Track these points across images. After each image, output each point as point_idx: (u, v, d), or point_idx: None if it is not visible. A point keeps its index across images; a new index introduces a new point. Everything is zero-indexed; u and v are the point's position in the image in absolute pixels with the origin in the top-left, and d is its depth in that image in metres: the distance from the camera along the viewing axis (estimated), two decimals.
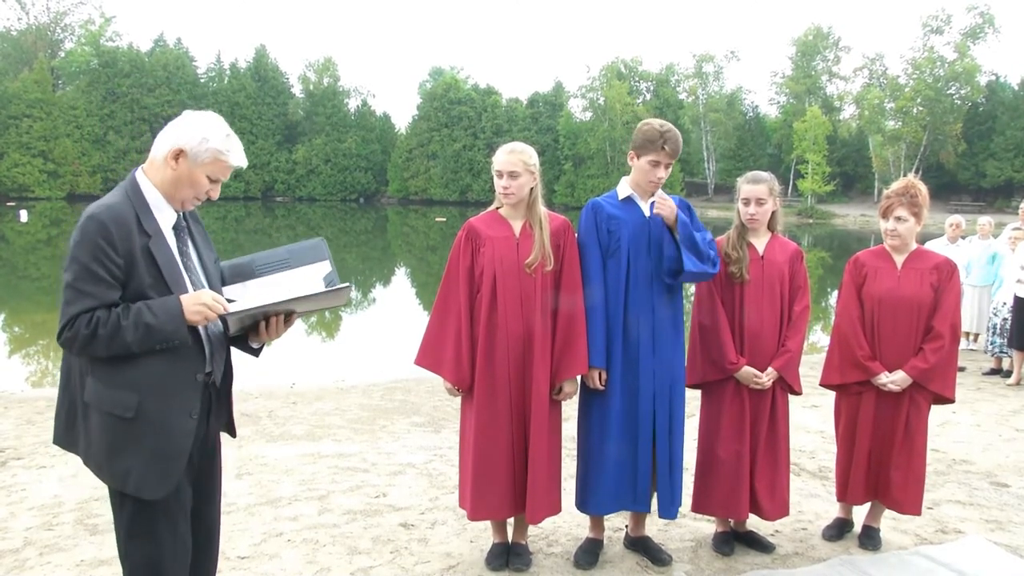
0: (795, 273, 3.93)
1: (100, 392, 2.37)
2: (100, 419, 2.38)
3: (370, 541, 4.04)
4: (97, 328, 2.28)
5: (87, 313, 2.29)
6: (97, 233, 2.29)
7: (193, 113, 2.50)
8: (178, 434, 2.45)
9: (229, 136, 2.49)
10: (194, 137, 2.43)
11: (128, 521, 2.46)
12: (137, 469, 2.38)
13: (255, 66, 65.11)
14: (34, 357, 11.02)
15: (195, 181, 2.46)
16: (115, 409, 2.36)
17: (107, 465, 2.40)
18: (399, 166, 64.75)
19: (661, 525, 4.20)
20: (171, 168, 2.44)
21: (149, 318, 2.31)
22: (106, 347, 2.30)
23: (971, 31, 56.20)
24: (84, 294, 2.29)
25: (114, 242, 2.30)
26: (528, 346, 3.55)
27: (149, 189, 2.46)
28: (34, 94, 56.87)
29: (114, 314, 2.30)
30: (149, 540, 2.46)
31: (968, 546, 4.07)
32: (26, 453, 5.52)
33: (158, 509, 2.45)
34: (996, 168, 53.67)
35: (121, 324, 2.29)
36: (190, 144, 2.42)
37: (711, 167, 62.69)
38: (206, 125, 2.46)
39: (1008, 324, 8.58)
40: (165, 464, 2.42)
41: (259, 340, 2.66)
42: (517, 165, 3.54)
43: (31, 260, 23.23)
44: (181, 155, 2.43)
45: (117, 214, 2.34)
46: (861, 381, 3.97)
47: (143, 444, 2.38)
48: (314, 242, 2.78)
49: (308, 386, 8.50)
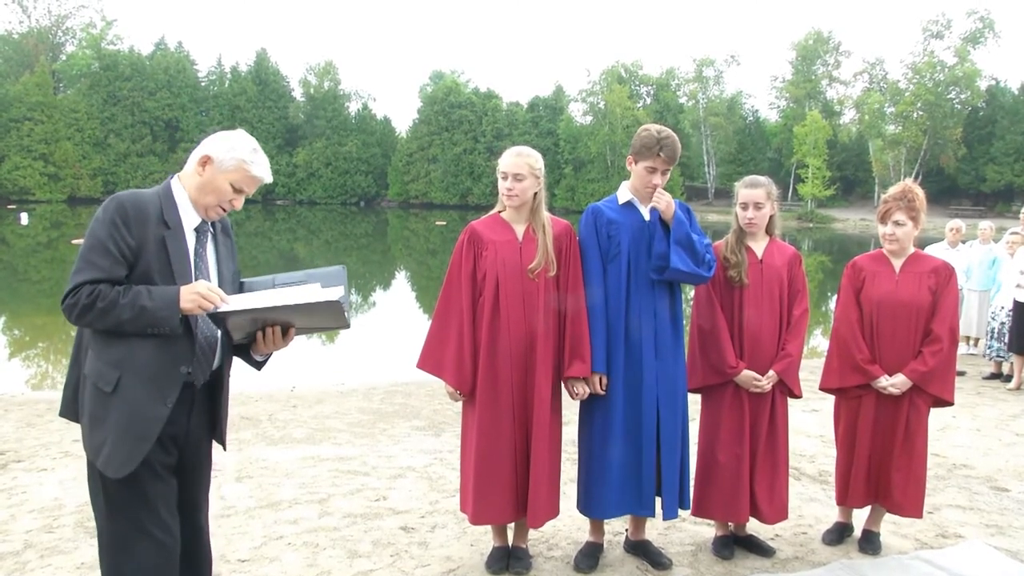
0: (794, 277, 3.94)
1: (92, 364, 2.51)
2: (89, 390, 2.51)
3: (370, 544, 4.05)
4: (96, 300, 2.40)
5: (91, 284, 2.41)
6: (116, 212, 2.46)
7: (231, 131, 2.70)
8: (149, 418, 2.51)
9: (256, 151, 2.67)
10: (222, 146, 2.61)
11: (105, 500, 2.55)
12: (108, 444, 2.47)
13: (256, 69, 65.23)
14: (34, 360, 11.02)
15: (218, 187, 2.60)
16: (99, 381, 2.48)
17: (88, 435, 2.52)
18: (399, 170, 64.83)
19: (661, 529, 4.20)
20: (198, 174, 2.60)
21: (146, 300, 2.42)
22: (100, 319, 2.42)
23: (971, 36, 56.27)
24: (93, 265, 2.42)
25: (130, 223, 2.45)
26: (530, 350, 3.55)
27: (179, 191, 2.63)
28: (35, 97, 57.01)
29: (115, 291, 2.42)
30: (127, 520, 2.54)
31: (968, 550, 4.07)
32: (26, 456, 5.53)
33: (135, 490, 2.52)
34: (996, 172, 53.71)
35: (119, 301, 2.41)
36: (217, 152, 2.60)
37: (711, 171, 62.72)
38: (235, 137, 2.65)
39: (1007, 328, 8.59)
40: (131, 444, 2.48)
41: (258, 351, 2.72)
42: (523, 168, 3.55)
43: (31, 263, 23.23)
44: (208, 161, 2.60)
45: (140, 201, 2.51)
46: (861, 385, 3.98)
47: (116, 420, 2.47)
48: (335, 269, 2.79)
49: (308, 389, 8.49)
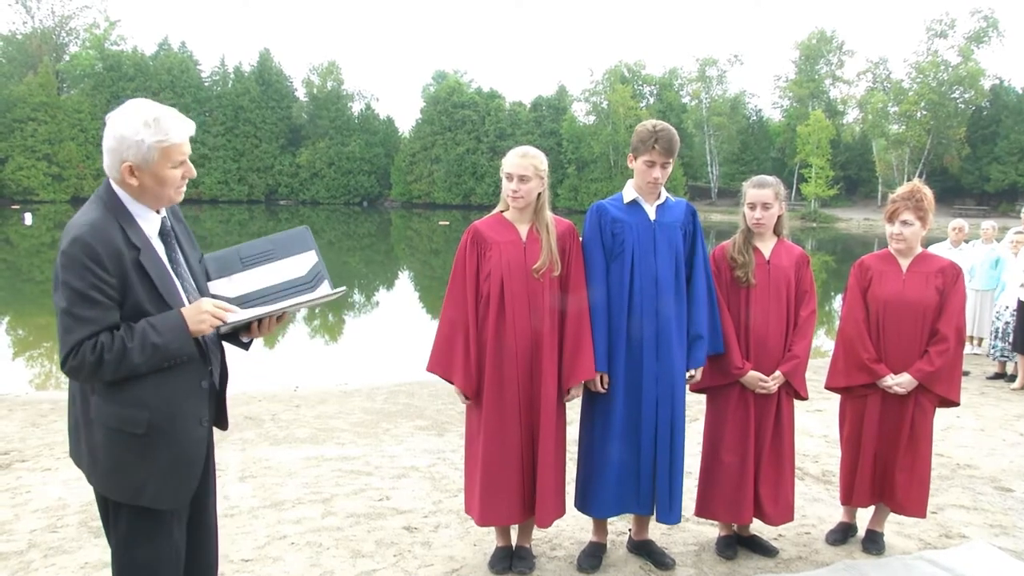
0: (801, 278, 3.92)
1: (106, 410, 2.32)
2: (107, 436, 2.33)
3: (373, 544, 4.04)
4: (103, 354, 2.20)
5: (90, 339, 2.20)
6: (85, 255, 2.18)
7: (115, 120, 2.31)
8: (192, 443, 2.45)
9: (158, 119, 2.29)
10: (131, 146, 2.27)
11: (126, 530, 2.41)
12: (153, 482, 2.36)
13: (259, 70, 65.24)
14: (38, 360, 11.03)
15: (163, 179, 2.33)
16: (124, 426, 2.31)
17: (115, 481, 2.35)
18: (402, 170, 64.84)
19: (664, 529, 4.19)
20: (133, 183, 2.31)
21: (155, 338, 2.25)
22: (113, 371, 2.23)
23: (975, 35, 56.14)
24: (83, 320, 2.20)
25: (103, 262, 2.19)
26: (536, 350, 3.54)
27: (128, 199, 2.35)
28: (39, 97, 57.06)
29: (118, 337, 2.23)
30: (147, 547, 2.43)
31: (972, 551, 4.06)
32: (30, 456, 5.53)
33: (156, 516, 2.42)
34: (1000, 172, 53.62)
35: (127, 347, 2.22)
36: (133, 155, 2.28)
37: (714, 171, 62.64)
38: (132, 126, 2.27)
39: (1011, 328, 8.57)
40: (183, 473, 2.42)
41: (250, 336, 2.66)
42: (528, 169, 3.53)
43: (35, 263, 23.26)
44: (133, 169, 2.29)
45: (101, 232, 2.23)
46: (866, 384, 3.97)
47: (157, 458, 2.36)
48: (298, 231, 2.70)
49: (312, 389, 8.50)
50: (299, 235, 2.69)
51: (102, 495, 2.44)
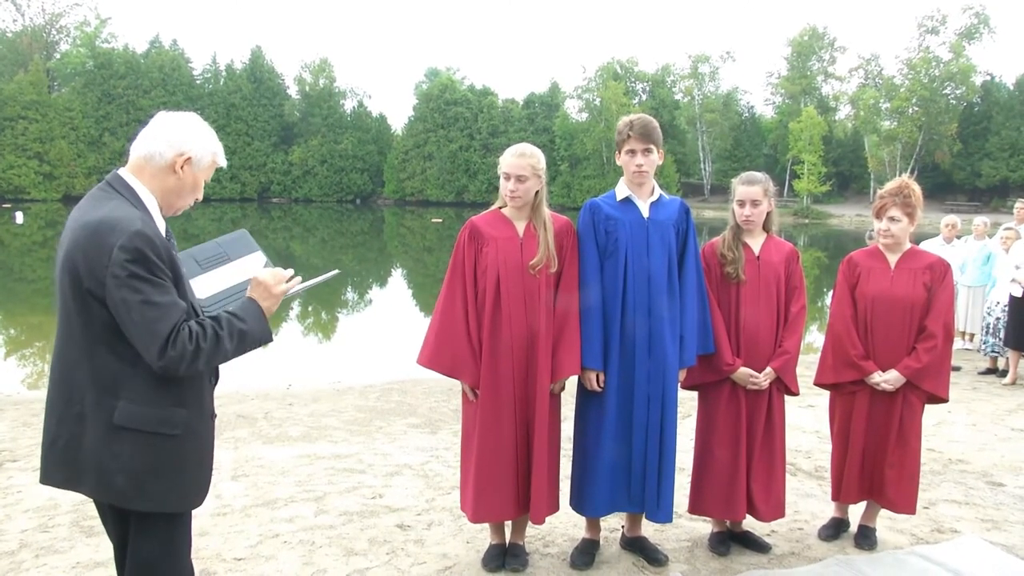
0: (791, 273, 3.92)
1: (143, 414, 2.22)
2: (140, 442, 2.22)
3: (366, 542, 4.04)
4: (199, 342, 2.18)
5: (182, 328, 2.17)
6: (147, 247, 2.15)
7: (181, 117, 2.38)
8: (210, 439, 2.45)
9: (215, 136, 2.43)
10: (197, 142, 2.34)
11: (167, 538, 2.33)
12: (179, 485, 2.30)
13: (251, 67, 65.11)
14: (30, 359, 10.99)
15: (197, 185, 2.40)
16: (162, 428, 2.24)
17: (140, 489, 2.24)
18: (395, 167, 64.81)
19: (657, 525, 4.19)
20: (177, 176, 2.33)
21: (241, 324, 2.27)
22: (208, 360, 2.22)
23: (966, 31, 56.39)
24: (168, 308, 2.16)
25: (161, 254, 2.19)
26: (532, 346, 3.54)
27: (147, 196, 2.32)
28: (29, 96, 56.80)
29: (208, 326, 2.22)
30: (187, 551, 2.41)
31: (964, 546, 4.07)
32: (22, 455, 5.51)
33: (186, 518, 2.40)
34: (991, 168, 53.88)
35: (219, 335, 2.22)
36: (195, 150, 2.33)
37: (707, 167, 62.76)
38: (202, 128, 2.38)
39: (1002, 324, 8.61)
40: (203, 472, 2.41)
41: None
42: (525, 169, 3.52)
43: (27, 262, 23.17)
44: (189, 162, 2.33)
45: (149, 225, 2.22)
46: (855, 380, 3.98)
47: (187, 459, 2.32)
48: (238, 234, 2.74)
49: (304, 387, 8.49)
50: (241, 237, 2.73)
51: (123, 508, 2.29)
